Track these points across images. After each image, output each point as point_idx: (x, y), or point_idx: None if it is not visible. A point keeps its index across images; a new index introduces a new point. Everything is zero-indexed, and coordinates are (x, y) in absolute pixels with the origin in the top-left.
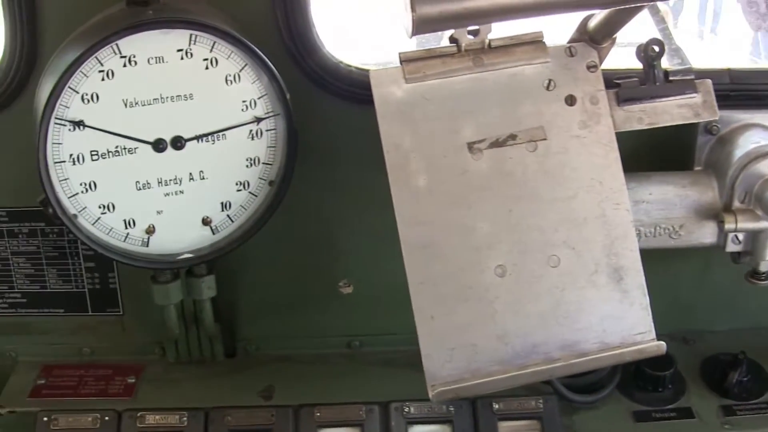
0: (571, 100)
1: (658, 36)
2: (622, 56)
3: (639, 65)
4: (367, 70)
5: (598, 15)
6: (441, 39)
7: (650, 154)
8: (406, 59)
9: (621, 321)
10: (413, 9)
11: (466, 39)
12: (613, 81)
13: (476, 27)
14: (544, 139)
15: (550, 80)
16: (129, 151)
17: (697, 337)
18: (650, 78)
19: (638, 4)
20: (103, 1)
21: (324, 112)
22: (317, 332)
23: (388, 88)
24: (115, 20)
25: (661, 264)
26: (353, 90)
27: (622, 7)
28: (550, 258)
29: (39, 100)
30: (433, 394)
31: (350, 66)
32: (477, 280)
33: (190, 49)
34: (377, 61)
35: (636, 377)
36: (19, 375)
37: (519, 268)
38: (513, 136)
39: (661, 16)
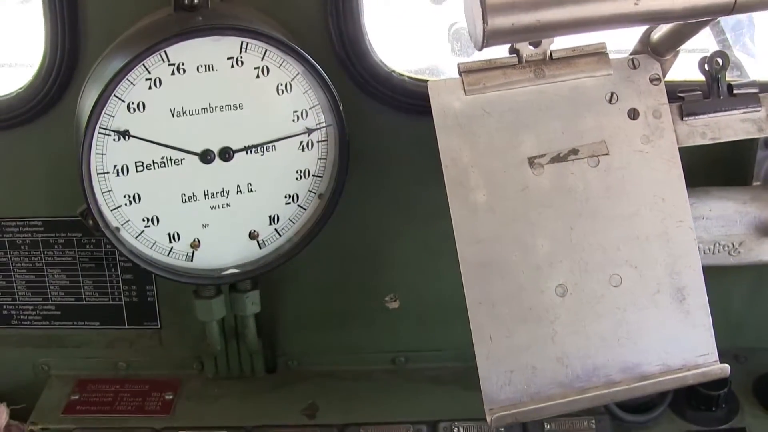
0: (633, 114)
1: (717, 47)
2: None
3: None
4: (420, 80)
5: (663, 27)
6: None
7: (708, 169)
8: (465, 70)
9: (683, 342)
10: (485, 20)
11: (528, 50)
12: (676, 94)
13: None
14: (606, 154)
15: (612, 93)
16: (175, 162)
17: (749, 355)
18: (714, 91)
19: (709, 18)
20: (148, 6)
21: (374, 122)
22: (361, 348)
23: (447, 99)
24: (163, 26)
25: (712, 279)
26: (405, 100)
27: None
28: (612, 277)
29: (83, 109)
30: (491, 418)
31: (402, 75)
32: (537, 300)
33: (241, 57)
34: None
35: (689, 397)
36: (52, 390)
37: (580, 287)
38: (574, 151)
39: (721, 27)
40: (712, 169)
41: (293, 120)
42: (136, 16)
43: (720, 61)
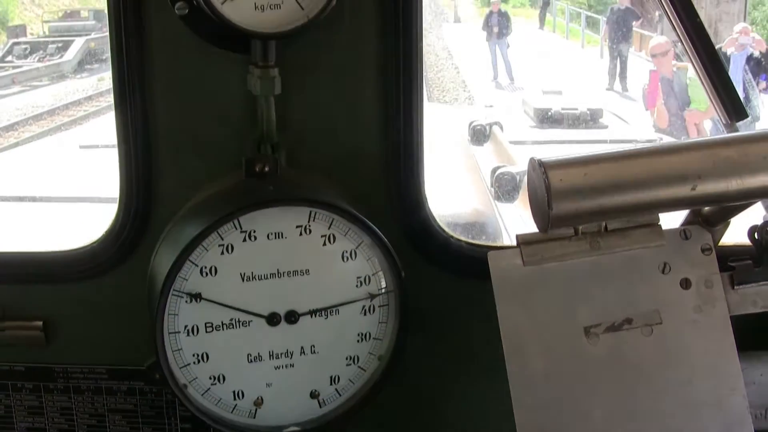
0: (686, 284)
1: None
2: None
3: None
4: (476, 245)
5: None
6: None
7: (760, 331)
8: (523, 242)
9: None
10: (550, 206)
11: None
12: (727, 264)
13: None
14: (660, 324)
15: (665, 263)
16: (243, 324)
17: None
18: (764, 260)
19: (755, 200)
20: (218, 170)
21: (433, 285)
22: None
23: (507, 270)
24: (235, 194)
25: None
26: (462, 264)
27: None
28: None
29: (157, 270)
30: None
31: (460, 240)
32: None
33: (309, 226)
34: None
35: None
36: None
37: None
38: (629, 321)
39: None
40: (763, 332)
41: (356, 285)
42: (207, 179)
43: None
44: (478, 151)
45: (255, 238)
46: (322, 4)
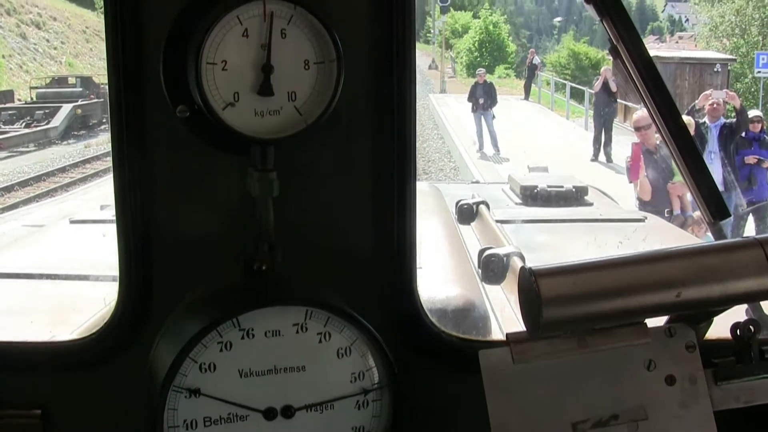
0: (670, 380)
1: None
2: None
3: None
4: (467, 339)
5: None
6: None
7: (742, 423)
8: (513, 340)
9: None
10: (541, 314)
11: None
12: (710, 360)
13: None
14: (645, 419)
15: (650, 360)
16: (241, 418)
17: None
18: (746, 357)
19: (737, 305)
20: (216, 264)
21: (425, 379)
22: None
23: (497, 368)
24: (234, 293)
25: None
26: (453, 358)
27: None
28: None
29: (157, 366)
30: None
31: (451, 335)
32: None
33: (306, 324)
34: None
35: None
36: None
37: None
38: (615, 417)
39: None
40: (745, 425)
41: (351, 381)
42: (205, 273)
43: (752, 328)
44: (464, 229)
45: (253, 335)
46: (320, 111)
